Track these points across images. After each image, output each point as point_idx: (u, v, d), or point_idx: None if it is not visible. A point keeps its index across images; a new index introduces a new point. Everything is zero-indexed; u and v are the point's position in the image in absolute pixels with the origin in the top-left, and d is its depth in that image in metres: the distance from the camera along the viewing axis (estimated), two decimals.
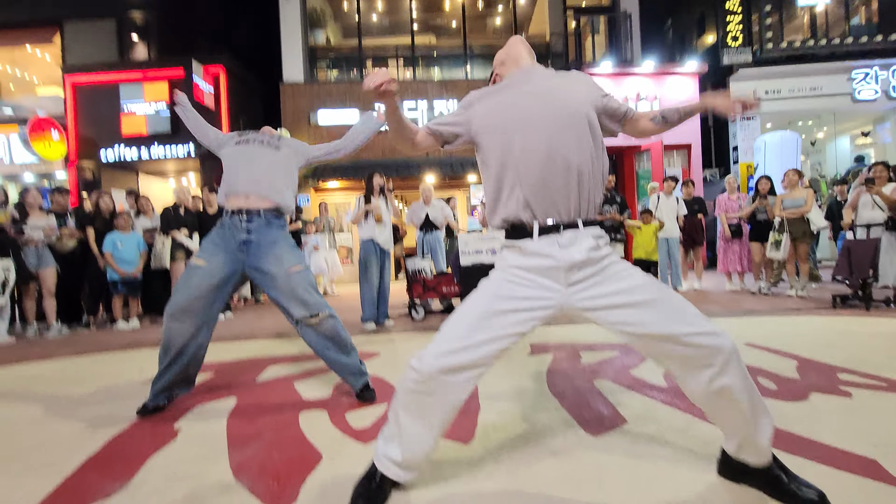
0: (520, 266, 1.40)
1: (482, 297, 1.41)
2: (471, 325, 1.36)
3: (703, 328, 1.31)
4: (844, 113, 12.24)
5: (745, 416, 1.33)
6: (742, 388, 1.31)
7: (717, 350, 1.29)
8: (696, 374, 1.33)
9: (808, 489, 1.33)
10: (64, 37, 11.83)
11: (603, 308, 1.36)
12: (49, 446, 2.02)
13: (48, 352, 4.24)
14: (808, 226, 5.57)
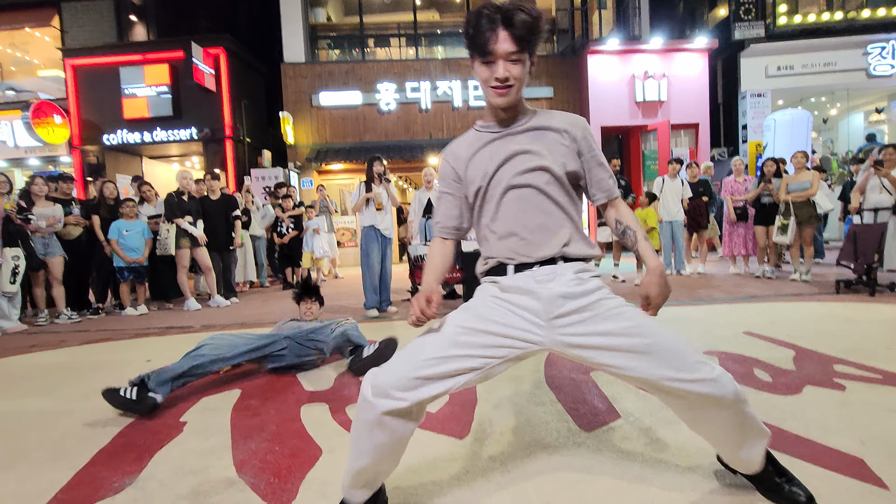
0: (498, 296, 1.35)
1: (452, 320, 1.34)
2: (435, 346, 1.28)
3: (698, 375, 1.22)
4: (859, 89, 11.94)
5: (735, 443, 1.33)
6: (736, 423, 1.28)
7: (716, 399, 1.24)
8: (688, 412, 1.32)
9: (798, 490, 1.34)
10: (62, 18, 11.70)
11: (590, 347, 1.27)
12: (62, 438, 2.09)
13: (59, 339, 4.34)
14: (814, 209, 5.51)
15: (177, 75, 10.93)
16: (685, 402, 1.28)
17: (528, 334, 1.29)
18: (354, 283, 7.44)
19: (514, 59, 1.27)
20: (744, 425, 1.29)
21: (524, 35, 1.24)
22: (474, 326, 1.30)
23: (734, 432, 1.30)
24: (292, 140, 11.31)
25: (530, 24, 1.24)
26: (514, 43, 1.25)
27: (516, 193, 1.35)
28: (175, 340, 4.12)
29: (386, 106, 11.50)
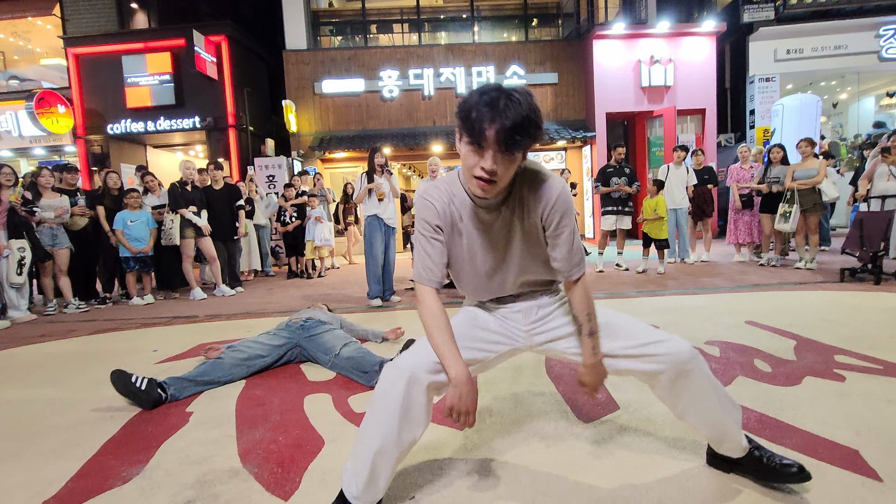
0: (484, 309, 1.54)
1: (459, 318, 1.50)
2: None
3: (653, 338, 1.36)
4: (870, 72, 11.72)
5: (716, 411, 1.39)
6: (707, 387, 1.37)
7: (673, 358, 1.33)
8: (657, 381, 1.38)
9: (788, 465, 1.39)
10: (63, 6, 11.64)
11: (554, 339, 1.46)
12: (71, 428, 2.14)
13: (68, 329, 4.41)
14: (818, 196, 5.46)
15: (179, 63, 10.89)
16: (659, 376, 1.36)
17: (511, 337, 1.50)
18: (359, 272, 7.48)
19: (507, 156, 1.17)
20: (718, 390, 1.39)
21: (523, 141, 1.15)
22: (476, 324, 1.48)
23: (714, 399, 1.38)
24: (295, 128, 11.28)
25: (533, 134, 1.16)
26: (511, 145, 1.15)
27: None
28: (181, 330, 4.18)
29: (389, 93, 11.43)
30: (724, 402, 1.40)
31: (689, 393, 1.37)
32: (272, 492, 1.54)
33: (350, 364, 2.58)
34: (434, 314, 1.33)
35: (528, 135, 1.14)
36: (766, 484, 1.42)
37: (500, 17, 12.74)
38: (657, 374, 1.36)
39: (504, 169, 1.18)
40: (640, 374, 1.40)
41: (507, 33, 12.62)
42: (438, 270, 1.37)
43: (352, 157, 11.48)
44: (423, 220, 1.37)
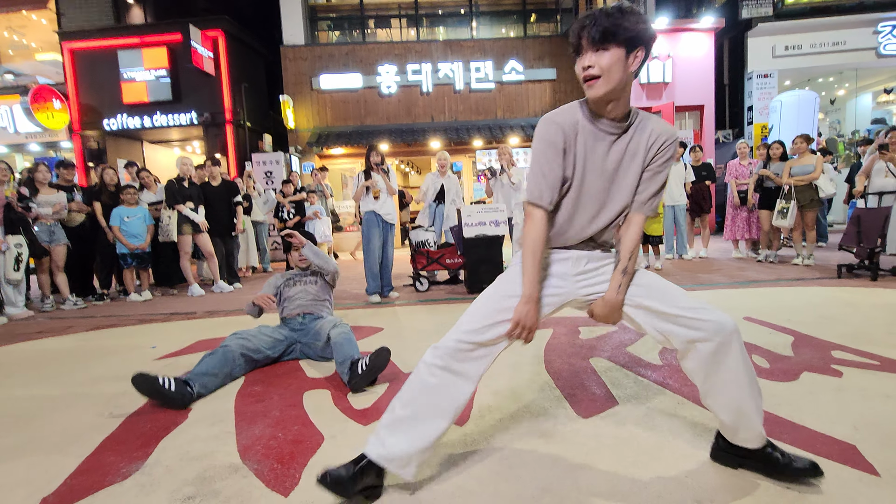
0: None
1: (501, 285, 1.53)
2: (490, 309, 1.46)
3: (699, 304, 1.39)
4: (868, 69, 11.72)
5: (745, 393, 1.37)
6: (742, 365, 1.36)
7: (717, 326, 1.34)
8: (695, 350, 1.38)
9: (801, 461, 1.41)
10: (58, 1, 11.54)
11: (600, 293, 1.52)
12: (70, 425, 2.14)
13: (66, 325, 4.40)
14: (815, 193, 5.47)
15: (175, 59, 10.82)
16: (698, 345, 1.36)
17: (557, 290, 1.53)
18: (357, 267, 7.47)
19: (600, 49, 1.30)
20: (750, 373, 1.38)
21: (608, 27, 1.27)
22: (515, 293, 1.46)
23: (746, 382, 1.37)
24: (293, 124, 11.24)
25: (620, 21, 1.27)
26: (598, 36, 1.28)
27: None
28: (179, 326, 4.17)
29: (387, 89, 11.38)
30: (754, 387, 1.38)
31: (724, 368, 1.36)
32: (272, 488, 1.54)
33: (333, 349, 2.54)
34: (537, 236, 1.44)
35: (613, 22, 1.26)
36: (776, 480, 1.42)
37: (498, 13, 12.69)
38: (696, 343, 1.36)
39: (600, 62, 1.30)
40: (679, 341, 1.40)
41: (505, 29, 12.58)
42: (551, 194, 1.44)
43: (350, 153, 11.44)
44: (547, 141, 1.43)
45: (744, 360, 1.36)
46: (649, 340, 2.91)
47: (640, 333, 3.06)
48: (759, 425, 1.41)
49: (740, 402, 1.38)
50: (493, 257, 4.82)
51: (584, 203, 1.48)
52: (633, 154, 1.44)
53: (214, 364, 2.47)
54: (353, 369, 2.32)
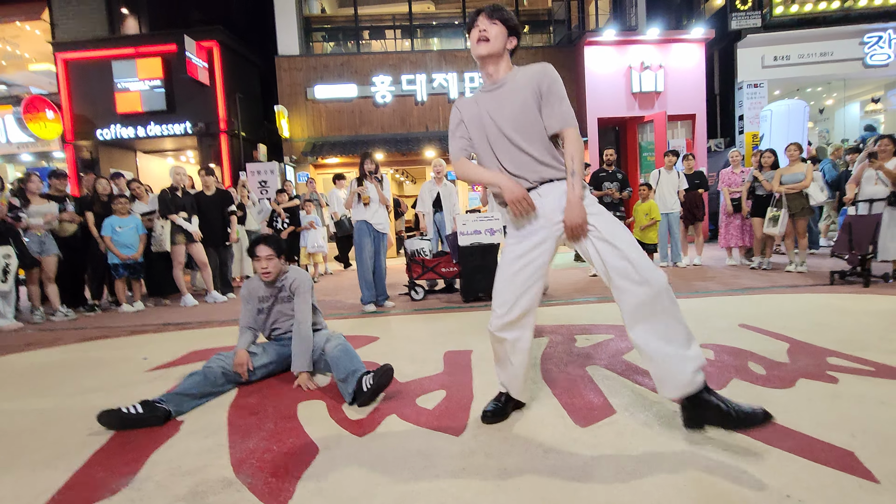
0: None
1: (503, 265, 1.89)
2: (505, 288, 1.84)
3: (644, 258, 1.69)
4: (855, 79, 11.93)
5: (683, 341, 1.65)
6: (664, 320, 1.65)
7: (652, 279, 1.63)
8: (633, 287, 1.65)
9: (754, 410, 1.60)
10: (52, 11, 11.54)
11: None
12: (59, 439, 2.10)
13: (55, 337, 4.34)
14: (806, 201, 5.52)
15: (170, 69, 10.83)
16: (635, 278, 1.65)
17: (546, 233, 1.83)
18: (354, 278, 7.45)
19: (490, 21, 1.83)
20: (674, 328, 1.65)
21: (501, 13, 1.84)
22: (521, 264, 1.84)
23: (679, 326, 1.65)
24: (288, 134, 11.24)
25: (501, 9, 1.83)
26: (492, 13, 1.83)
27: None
28: (172, 337, 4.12)
29: (381, 99, 11.44)
30: (687, 330, 1.66)
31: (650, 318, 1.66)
32: (266, 502, 1.51)
33: (331, 364, 2.45)
34: (465, 163, 1.95)
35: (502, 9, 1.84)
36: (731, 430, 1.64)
37: None
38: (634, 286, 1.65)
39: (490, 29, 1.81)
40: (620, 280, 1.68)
41: None
42: (462, 149, 1.95)
43: (345, 163, 11.44)
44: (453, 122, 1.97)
45: (669, 315, 1.65)
46: None
47: None
48: (683, 379, 1.64)
49: (662, 354, 1.65)
50: (489, 265, 4.81)
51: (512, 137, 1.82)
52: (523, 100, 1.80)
53: (193, 384, 2.39)
54: (359, 386, 2.27)
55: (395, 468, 1.68)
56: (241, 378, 2.61)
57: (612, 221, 1.77)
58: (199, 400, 2.40)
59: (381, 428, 2.01)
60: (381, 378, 2.28)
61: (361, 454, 1.80)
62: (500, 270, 1.88)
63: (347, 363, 2.40)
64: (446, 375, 2.66)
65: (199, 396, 2.41)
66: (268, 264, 2.65)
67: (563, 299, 4.74)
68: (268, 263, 2.65)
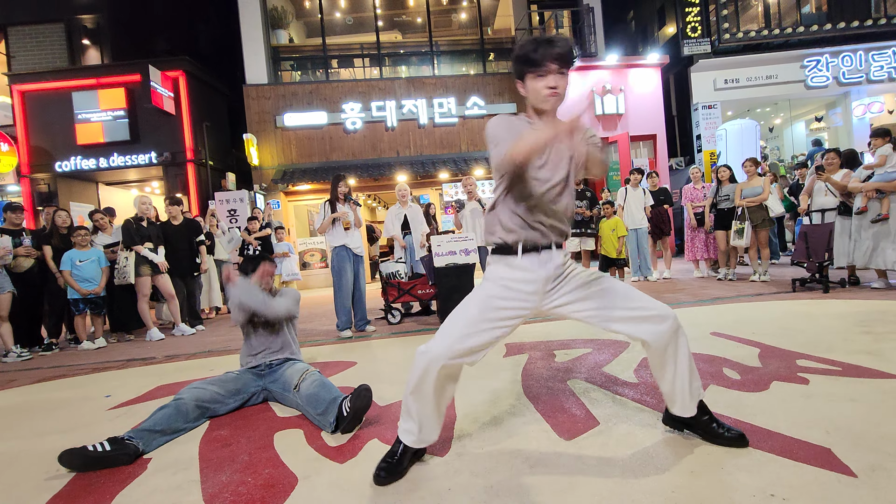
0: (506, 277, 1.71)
1: (476, 303, 1.71)
2: (467, 324, 1.66)
3: (649, 304, 1.70)
4: (799, 99, 12.75)
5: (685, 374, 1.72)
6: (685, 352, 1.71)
7: (664, 317, 1.68)
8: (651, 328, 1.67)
9: (732, 431, 1.73)
10: (8, 43, 11.26)
11: (564, 304, 1.75)
12: (13, 485, 1.94)
13: (8, 379, 4.06)
14: (766, 212, 5.79)
15: (134, 99, 10.64)
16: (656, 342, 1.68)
17: (528, 304, 1.72)
18: (325, 304, 7.30)
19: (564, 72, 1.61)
20: (690, 355, 1.73)
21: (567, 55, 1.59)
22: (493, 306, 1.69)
23: (688, 362, 1.72)
24: (257, 161, 11.13)
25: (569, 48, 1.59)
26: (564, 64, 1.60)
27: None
28: (136, 373, 3.92)
29: (352, 125, 11.50)
30: (692, 370, 1.74)
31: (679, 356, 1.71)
32: None
33: (307, 401, 2.37)
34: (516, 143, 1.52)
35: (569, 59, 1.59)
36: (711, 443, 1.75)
37: (458, 52, 13.18)
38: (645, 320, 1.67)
39: (562, 84, 1.60)
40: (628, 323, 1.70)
41: (465, 67, 13.05)
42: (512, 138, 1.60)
43: (316, 189, 11.38)
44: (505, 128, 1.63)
45: (686, 346, 1.72)
46: (623, 360, 2.94)
47: (614, 354, 3.09)
48: (693, 401, 1.74)
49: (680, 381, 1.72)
50: (465, 286, 4.81)
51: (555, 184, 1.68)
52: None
53: (163, 419, 2.25)
54: (340, 412, 2.18)
55: (378, 494, 1.62)
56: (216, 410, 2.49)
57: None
58: (168, 436, 2.26)
59: (363, 453, 1.95)
60: (358, 400, 2.19)
61: (343, 481, 1.73)
62: (469, 304, 1.71)
63: (326, 395, 2.32)
64: None
65: (170, 432, 2.27)
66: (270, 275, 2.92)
67: (540, 316, 4.76)
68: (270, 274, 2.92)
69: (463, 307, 1.73)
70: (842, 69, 11.88)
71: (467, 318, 1.68)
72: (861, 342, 2.90)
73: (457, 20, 13.89)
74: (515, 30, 12.82)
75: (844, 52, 11.85)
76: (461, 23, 13.84)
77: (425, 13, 12.58)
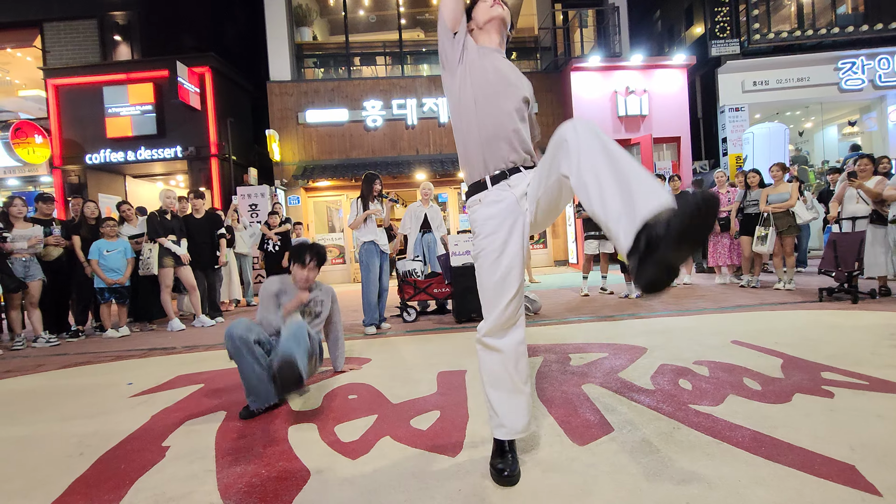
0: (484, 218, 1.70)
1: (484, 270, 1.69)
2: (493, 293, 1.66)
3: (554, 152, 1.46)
4: (831, 103, 12.34)
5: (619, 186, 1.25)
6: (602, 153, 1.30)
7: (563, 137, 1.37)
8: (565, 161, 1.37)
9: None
10: (44, 38, 11.62)
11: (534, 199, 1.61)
12: (37, 467, 2.01)
13: (36, 364, 4.21)
14: (793, 219, 5.63)
15: (161, 94, 10.89)
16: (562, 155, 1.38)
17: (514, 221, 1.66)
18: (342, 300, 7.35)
19: None
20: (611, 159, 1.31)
21: None
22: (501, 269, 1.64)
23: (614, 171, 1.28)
24: (278, 157, 11.28)
25: None
26: None
27: None
28: (157, 362, 4.02)
29: (372, 123, 11.56)
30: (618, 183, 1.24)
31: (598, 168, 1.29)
32: None
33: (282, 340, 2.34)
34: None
35: None
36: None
37: None
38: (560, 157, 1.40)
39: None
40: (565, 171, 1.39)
41: None
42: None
43: (335, 186, 11.49)
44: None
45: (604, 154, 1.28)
46: (640, 366, 2.89)
47: (631, 359, 3.05)
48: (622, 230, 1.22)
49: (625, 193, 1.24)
50: None
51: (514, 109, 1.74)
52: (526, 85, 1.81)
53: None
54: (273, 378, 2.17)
55: (389, 491, 1.62)
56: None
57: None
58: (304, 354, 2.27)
59: (375, 450, 1.96)
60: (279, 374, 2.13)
61: (354, 478, 1.74)
62: (482, 276, 1.71)
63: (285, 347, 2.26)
64: (440, 396, 2.61)
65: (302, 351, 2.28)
66: (311, 274, 2.78)
67: (556, 319, 4.72)
68: (311, 274, 2.78)
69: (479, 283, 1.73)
70: (878, 72, 11.46)
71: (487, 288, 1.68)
72: (891, 356, 2.80)
73: None
74: (539, 29, 12.72)
75: (881, 55, 11.43)
76: None
77: None
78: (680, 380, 2.60)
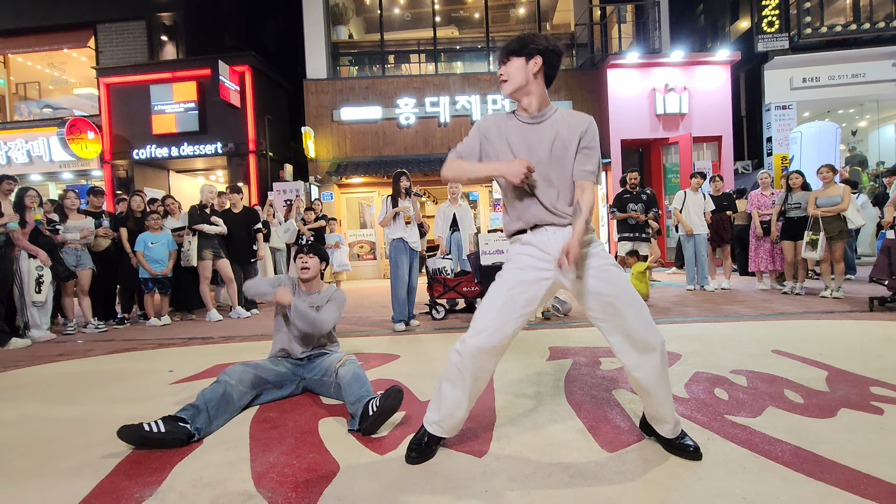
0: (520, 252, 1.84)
1: (499, 288, 1.80)
2: (496, 311, 1.75)
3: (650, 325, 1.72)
4: (889, 100, 11.63)
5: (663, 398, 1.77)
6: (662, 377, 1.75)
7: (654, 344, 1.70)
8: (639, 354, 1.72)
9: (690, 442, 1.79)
10: (97, 39, 12.23)
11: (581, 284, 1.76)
12: (87, 447, 2.13)
13: (86, 348, 4.45)
14: (844, 224, 5.34)
15: (203, 92, 11.28)
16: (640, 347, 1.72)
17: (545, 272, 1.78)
18: (372, 296, 7.47)
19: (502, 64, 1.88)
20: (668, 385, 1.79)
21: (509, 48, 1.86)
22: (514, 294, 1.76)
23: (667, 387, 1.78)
24: (313, 154, 11.52)
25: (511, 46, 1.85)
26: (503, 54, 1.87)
27: None
28: (196, 351, 4.18)
29: (405, 120, 11.65)
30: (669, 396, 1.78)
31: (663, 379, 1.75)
32: None
33: (343, 388, 2.35)
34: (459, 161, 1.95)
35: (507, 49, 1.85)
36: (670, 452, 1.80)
37: None
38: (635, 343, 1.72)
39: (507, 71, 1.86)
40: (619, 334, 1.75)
41: None
42: (468, 154, 1.96)
43: (368, 183, 11.64)
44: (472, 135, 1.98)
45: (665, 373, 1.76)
46: (674, 373, 2.81)
47: None
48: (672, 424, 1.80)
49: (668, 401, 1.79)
50: None
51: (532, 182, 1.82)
52: (565, 143, 1.82)
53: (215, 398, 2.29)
54: (365, 411, 2.14)
55: (416, 488, 1.64)
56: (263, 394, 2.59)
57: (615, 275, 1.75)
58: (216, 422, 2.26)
59: (402, 447, 1.98)
60: (386, 401, 2.13)
61: (382, 473, 1.77)
62: (493, 293, 1.80)
63: (357, 388, 2.30)
64: None
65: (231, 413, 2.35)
66: (308, 261, 2.79)
67: (587, 321, 4.65)
68: (309, 260, 2.79)
69: (487, 296, 1.83)
70: None
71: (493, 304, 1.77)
72: None
73: (515, 15, 13.71)
74: (575, 25, 12.49)
75: None
76: (519, 18, 13.64)
77: (483, 8, 12.51)
78: (716, 389, 2.52)
